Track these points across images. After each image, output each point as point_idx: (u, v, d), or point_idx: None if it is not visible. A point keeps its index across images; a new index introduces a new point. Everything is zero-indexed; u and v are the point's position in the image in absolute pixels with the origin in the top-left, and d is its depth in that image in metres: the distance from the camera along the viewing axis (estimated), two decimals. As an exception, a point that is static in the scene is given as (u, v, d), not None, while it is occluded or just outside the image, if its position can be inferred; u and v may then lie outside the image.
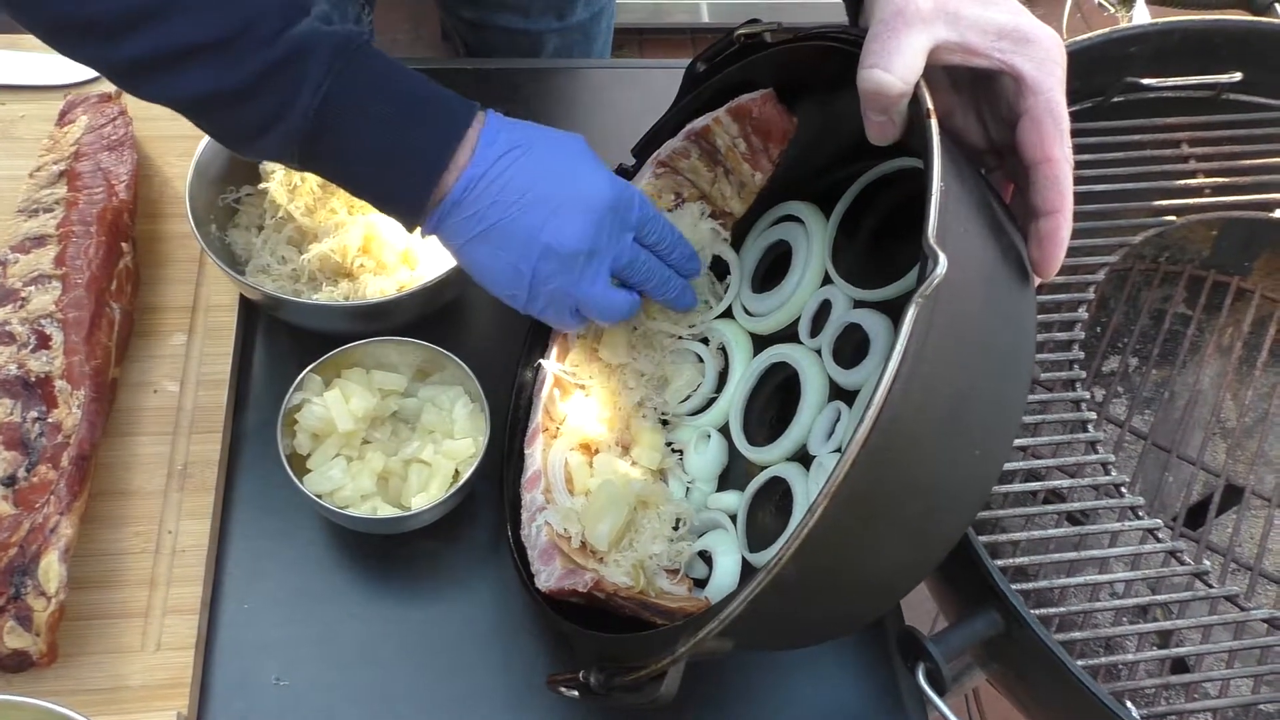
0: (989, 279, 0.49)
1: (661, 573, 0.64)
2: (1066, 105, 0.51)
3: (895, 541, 0.49)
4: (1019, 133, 0.51)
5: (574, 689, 0.56)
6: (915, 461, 0.46)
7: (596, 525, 0.63)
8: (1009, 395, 0.50)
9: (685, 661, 0.48)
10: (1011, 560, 0.66)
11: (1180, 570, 0.68)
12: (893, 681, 0.68)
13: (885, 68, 0.49)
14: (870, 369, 0.61)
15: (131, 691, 0.62)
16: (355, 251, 0.75)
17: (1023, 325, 0.51)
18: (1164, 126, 0.84)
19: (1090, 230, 0.79)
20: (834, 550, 0.46)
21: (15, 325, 0.68)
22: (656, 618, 0.58)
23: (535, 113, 0.95)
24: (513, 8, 1.09)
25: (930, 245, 0.43)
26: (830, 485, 0.43)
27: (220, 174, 0.78)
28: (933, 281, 0.42)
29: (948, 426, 0.47)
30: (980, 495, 0.52)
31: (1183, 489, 0.77)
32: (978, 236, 0.49)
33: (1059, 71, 0.50)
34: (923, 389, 0.44)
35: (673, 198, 0.72)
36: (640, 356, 0.72)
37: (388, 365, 0.72)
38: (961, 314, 0.46)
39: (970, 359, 0.47)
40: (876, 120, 0.52)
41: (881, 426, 0.42)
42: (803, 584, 0.46)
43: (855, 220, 0.68)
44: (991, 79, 0.53)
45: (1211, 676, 0.66)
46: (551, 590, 0.61)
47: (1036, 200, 0.51)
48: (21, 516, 0.61)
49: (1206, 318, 0.85)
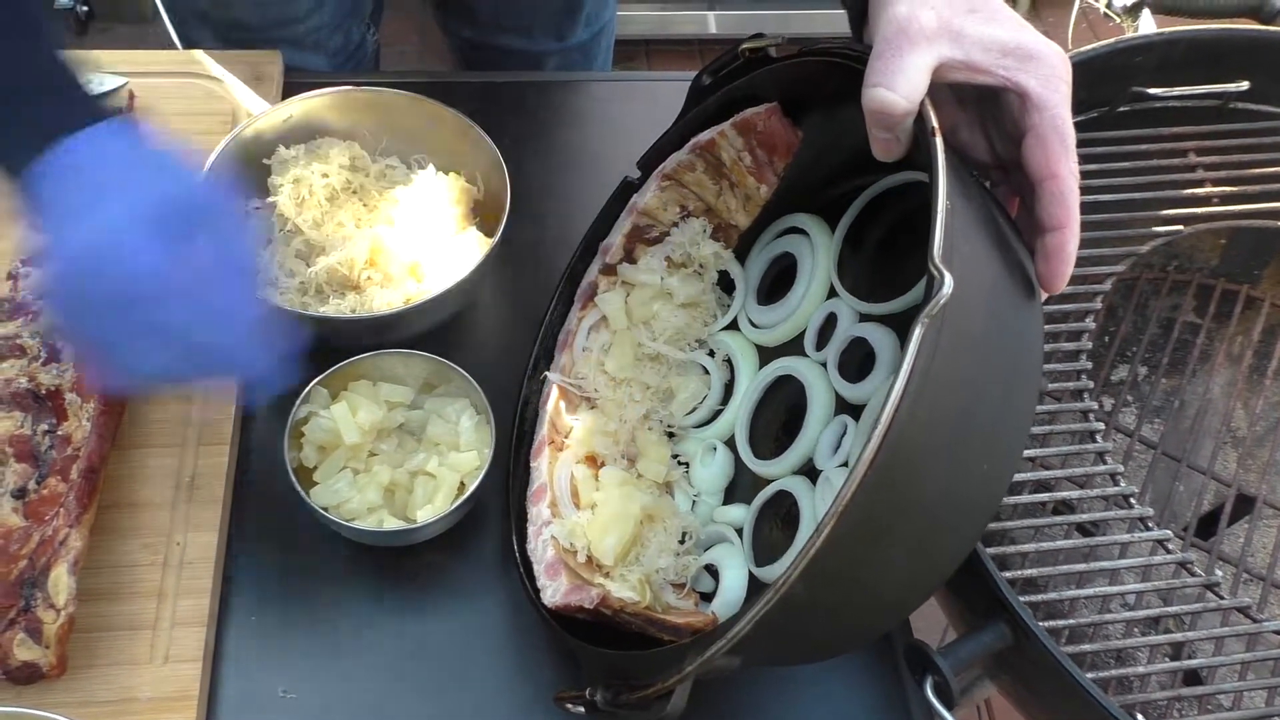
0: (995, 296, 0.49)
1: (668, 587, 0.64)
2: (1072, 120, 0.51)
3: (903, 558, 0.49)
4: (1024, 149, 0.51)
5: (580, 705, 0.56)
6: (922, 479, 0.46)
7: (603, 539, 0.63)
8: (1016, 411, 0.50)
9: (692, 679, 0.48)
10: (1020, 572, 0.66)
11: (1191, 581, 0.68)
12: (900, 694, 0.68)
13: (889, 86, 0.49)
14: (876, 383, 0.60)
15: (140, 704, 0.62)
16: (362, 264, 0.75)
17: (1029, 341, 0.51)
18: (1171, 136, 0.84)
19: (1097, 240, 0.79)
20: (842, 568, 0.46)
21: (26, 338, 0.68)
22: (663, 634, 0.58)
23: (541, 126, 0.96)
24: (513, 29, 1.09)
25: (936, 265, 0.43)
26: (838, 504, 0.42)
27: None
28: (939, 301, 0.42)
29: (955, 444, 0.47)
30: (988, 511, 0.52)
31: (1193, 499, 0.76)
32: (983, 254, 0.49)
33: (1064, 88, 0.50)
34: (929, 407, 0.44)
35: (678, 211, 0.73)
36: (646, 369, 0.72)
37: (394, 378, 0.72)
38: (967, 332, 0.46)
39: (976, 376, 0.47)
40: (882, 138, 0.52)
41: (889, 446, 0.42)
42: (811, 602, 0.46)
43: (860, 233, 0.68)
44: (996, 95, 0.53)
45: (1224, 689, 0.66)
46: (558, 606, 0.61)
47: (1043, 216, 0.51)
48: (31, 529, 0.62)
49: (1216, 326, 0.84)
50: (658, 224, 0.73)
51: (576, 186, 0.90)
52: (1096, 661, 0.70)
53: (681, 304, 0.73)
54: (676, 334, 0.73)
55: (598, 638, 0.60)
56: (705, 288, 0.74)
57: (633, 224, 0.73)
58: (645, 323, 0.73)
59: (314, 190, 0.77)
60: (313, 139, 0.81)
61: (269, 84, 0.91)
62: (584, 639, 0.60)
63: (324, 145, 0.80)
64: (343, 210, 0.78)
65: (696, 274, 0.74)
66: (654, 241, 0.74)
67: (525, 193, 0.90)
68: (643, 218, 0.73)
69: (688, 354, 0.73)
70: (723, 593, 0.63)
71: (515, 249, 0.86)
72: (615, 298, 0.73)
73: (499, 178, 0.77)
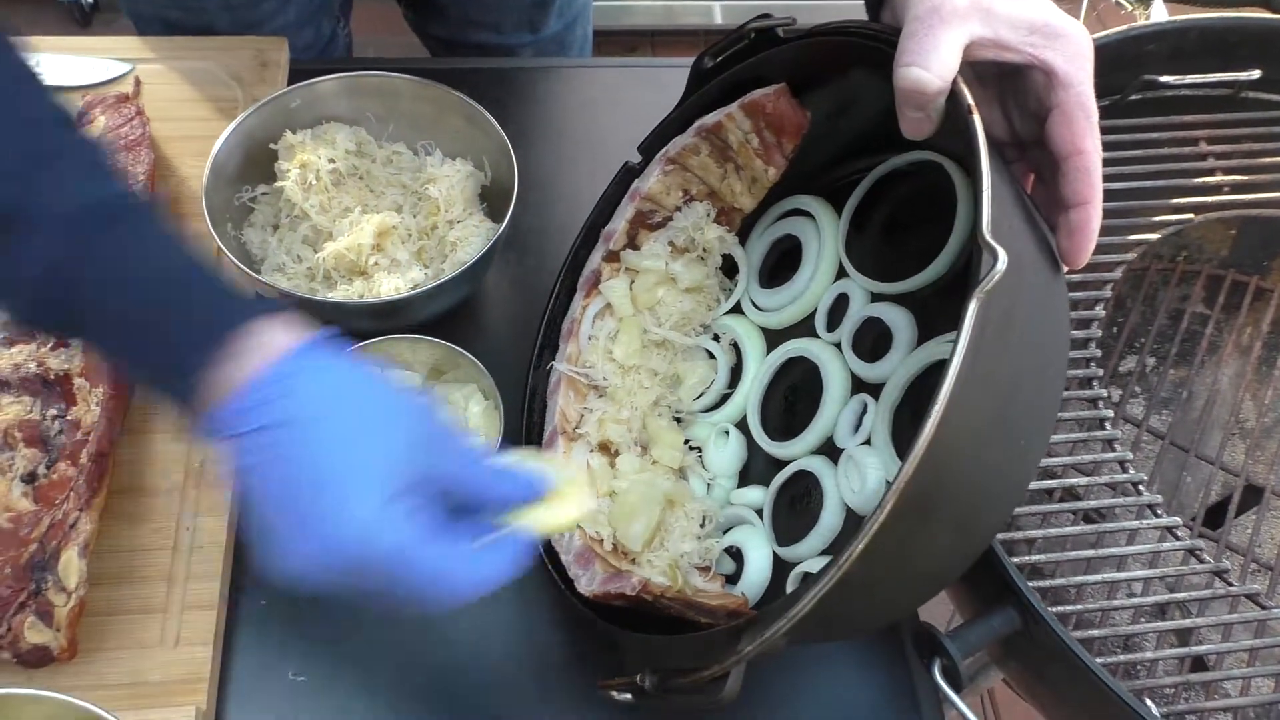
0: (1032, 271, 0.50)
1: (694, 570, 0.64)
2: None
3: (948, 534, 0.50)
4: (1049, 126, 0.52)
5: (627, 692, 0.55)
6: (971, 456, 0.47)
7: (629, 526, 0.63)
8: (1049, 385, 0.51)
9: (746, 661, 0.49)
10: (1028, 558, 0.66)
11: (1200, 569, 0.68)
12: (908, 679, 0.68)
13: (924, 65, 0.49)
14: (895, 362, 0.61)
15: (151, 686, 0.62)
16: (369, 249, 0.75)
17: (1058, 316, 0.52)
18: (1182, 125, 0.83)
19: (1107, 229, 0.78)
20: (895, 547, 0.46)
21: (35, 323, 0.68)
22: (700, 616, 0.59)
23: (548, 111, 0.96)
24: (485, 24, 1.08)
25: (987, 240, 0.43)
26: (898, 483, 0.43)
27: (236, 173, 0.78)
28: (993, 277, 0.42)
29: (999, 419, 0.48)
30: (1023, 484, 0.53)
31: (1201, 489, 0.76)
32: (1020, 230, 0.49)
33: (1088, 65, 0.51)
34: (981, 384, 0.44)
35: (680, 195, 0.72)
36: (653, 355, 0.72)
37: (402, 363, 0.72)
38: (1011, 308, 0.46)
39: (1018, 352, 0.48)
40: (913, 117, 0.52)
41: (945, 423, 0.42)
42: (864, 581, 0.46)
43: (865, 214, 0.68)
44: (1020, 73, 0.53)
45: (1232, 675, 0.66)
46: (596, 595, 0.60)
47: (1067, 192, 0.52)
48: (42, 513, 0.62)
49: (1225, 317, 0.84)
50: (660, 209, 0.73)
51: (584, 172, 0.89)
52: (1103, 648, 0.70)
53: (686, 289, 0.73)
54: (682, 319, 0.73)
55: (629, 623, 0.60)
56: (709, 272, 0.73)
57: (635, 209, 0.73)
58: (650, 309, 0.73)
59: (320, 175, 0.77)
60: (318, 124, 0.81)
61: (274, 69, 0.91)
62: (615, 624, 0.60)
63: (330, 130, 0.80)
64: (349, 195, 0.78)
65: (700, 259, 0.73)
66: (657, 227, 0.73)
67: (532, 178, 0.90)
68: (645, 203, 0.73)
69: (694, 339, 0.73)
70: (748, 574, 0.63)
71: (523, 234, 0.86)
72: (620, 285, 0.72)
73: (506, 163, 0.77)
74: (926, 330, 0.61)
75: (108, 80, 0.89)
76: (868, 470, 0.58)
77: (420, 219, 0.79)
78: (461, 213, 0.78)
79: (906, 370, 0.59)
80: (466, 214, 0.79)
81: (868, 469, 0.58)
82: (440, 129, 0.82)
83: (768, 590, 0.63)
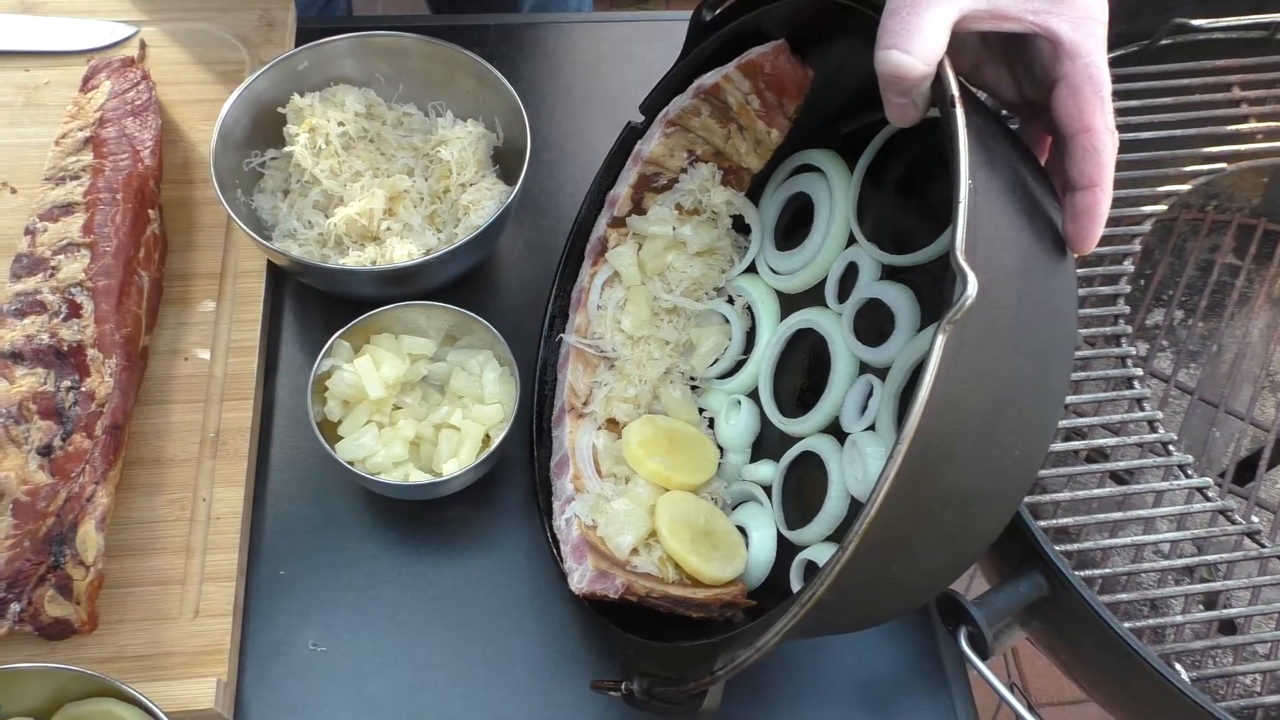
0: (1024, 272, 0.45)
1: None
2: (1108, 67, 0.47)
3: (934, 549, 0.48)
4: (1055, 100, 0.47)
5: (617, 693, 0.55)
6: (952, 476, 0.44)
7: (619, 538, 0.62)
8: (1049, 387, 0.48)
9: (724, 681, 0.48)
10: (1054, 521, 0.65)
11: (1230, 530, 0.67)
12: (933, 645, 0.68)
13: (904, 48, 0.45)
14: (897, 346, 0.58)
15: (172, 658, 0.62)
16: (381, 215, 0.74)
17: (1061, 309, 0.48)
18: (1214, 69, 0.81)
19: (1136, 180, 0.76)
20: (871, 571, 0.44)
21: (46, 294, 0.68)
22: (691, 611, 0.58)
23: (560, 69, 0.94)
24: None
25: (959, 264, 0.39)
26: (865, 516, 0.41)
27: (245, 138, 0.77)
28: (962, 305, 0.39)
29: (985, 435, 0.45)
30: (1020, 491, 0.50)
31: (1230, 444, 0.75)
32: (1011, 227, 0.45)
33: (1100, 30, 0.46)
34: (956, 407, 0.41)
35: (685, 155, 0.70)
36: (664, 324, 0.70)
37: (416, 330, 0.71)
38: (994, 323, 0.43)
39: (1006, 363, 0.45)
40: (897, 103, 0.48)
41: (913, 455, 0.40)
42: (840, 602, 0.45)
43: (878, 170, 0.65)
44: (1025, 41, 0.49)
45: (1263, 638, 0.65)
46: (584, 593, 0.60)
47: (1073, 173, 0.47)
48: (58, 486, 0.62)
49: (1256, 268, 0.82)
50: (665, 171, 0.71)
51: (597, 130, 0.87)
52: (1131, 610, 0.69)
53: (696, 253, 0.71)
54: (694, 284, 0.71)
55: (624, 615, 0.59)
56: (720, 233, 0.71)
57: (639, 173, 0.70)
58: (660, 275, 0.71)
59: (330, 139, 0.76)
60: (327, 86, 0.79)
61: (281, 30, 0.89)
62: (612, 617, 0.60)
63: (339, 92, 0.79)
64: (359, 159, 0.77)
65: (710, 220, 0.71)
66: (662, 189, 0.71)
67: (544, 138, 0.88)
68: (649, 166, 0.70)
69: (706, 304, 0.71)
70: (752, 554, 0.62)
71: (535, 196, 0.85)
72: (627, 252, 0.71)
73: (518, 123, 0.75)
74: (937, 304, 0.58)
75: (112, 44, 0.88)
76: (869, 459, 0.56)
77: (432, 182, 0.78)
78: (474, 175, 0.77)
79: (910, 355, 0.57)
80: (479, 176, 0.77)
81: (869, 458, 0.56)
82: (451, 89, 0.80)
83: (772, 573, 0.63)
